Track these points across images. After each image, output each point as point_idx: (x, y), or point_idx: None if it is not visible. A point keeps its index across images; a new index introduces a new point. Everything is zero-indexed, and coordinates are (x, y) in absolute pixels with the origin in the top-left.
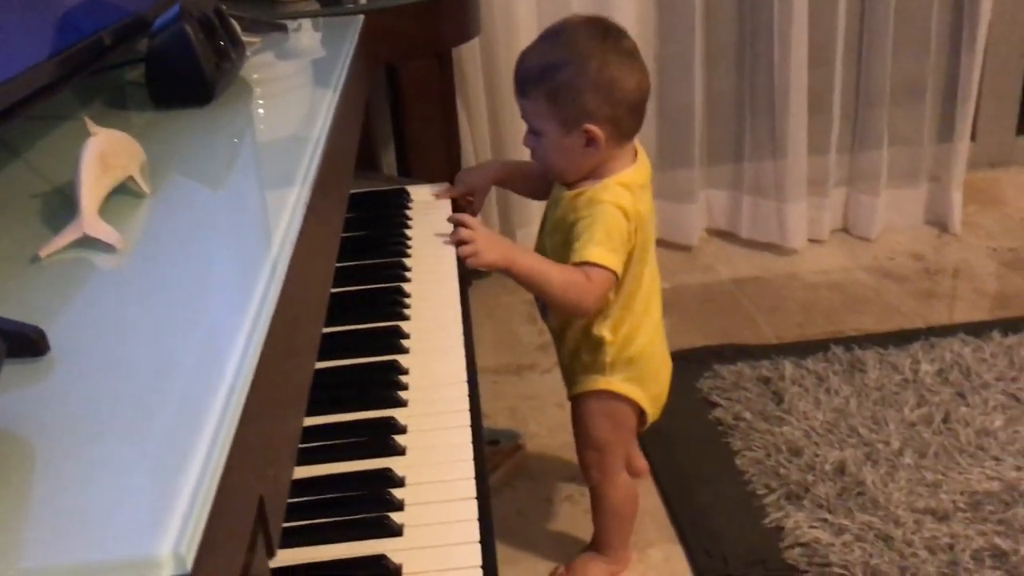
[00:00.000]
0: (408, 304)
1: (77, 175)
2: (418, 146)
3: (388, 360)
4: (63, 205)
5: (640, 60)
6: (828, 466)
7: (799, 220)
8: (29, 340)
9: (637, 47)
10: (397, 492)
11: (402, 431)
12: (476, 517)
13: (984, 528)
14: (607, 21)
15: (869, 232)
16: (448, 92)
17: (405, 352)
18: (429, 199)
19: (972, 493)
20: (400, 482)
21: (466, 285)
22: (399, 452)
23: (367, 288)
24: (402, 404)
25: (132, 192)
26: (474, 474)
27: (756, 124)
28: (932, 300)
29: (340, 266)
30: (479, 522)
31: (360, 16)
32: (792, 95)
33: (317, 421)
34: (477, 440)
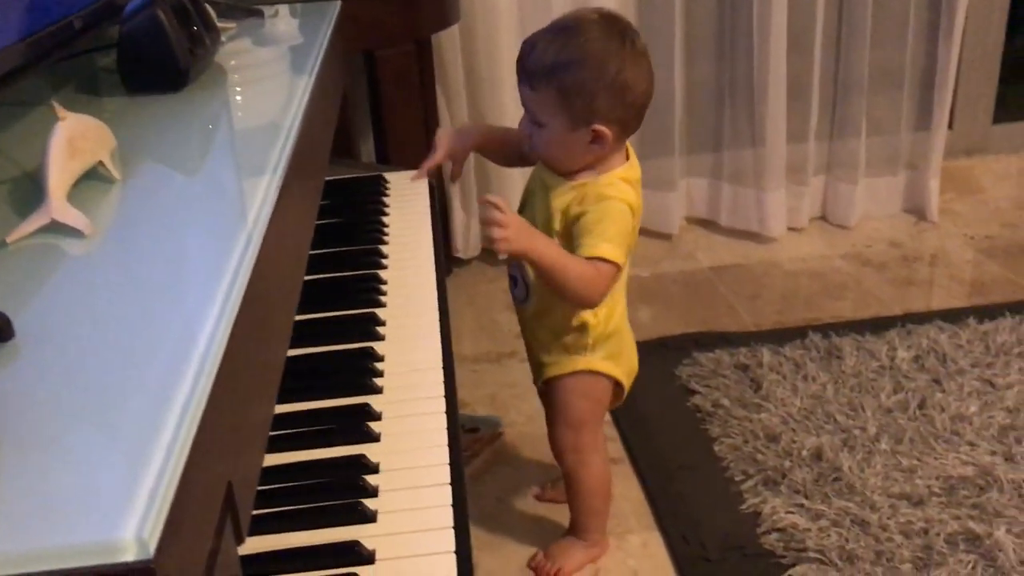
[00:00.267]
0: (384, 291)
1: (45, 160)
2: (397, 134)
3: (363, 347)
4: (32, 191)
5: (650, 61)
6: (805, 452)
7: (778, 208)
8: None
9: (646, 45)
10: (371, 478)
11: (377, 418)
12: (450, 503)
13: (958, 512)
14: (622, 19)
15: (847, 220)
16: (427, 80)
17: (381, 339)
18: (407, 185)
19: (947, 478)
20: (374, 468)
21: (444, 273)
22: (374, 439)
23: (343, 275)
24: (377, 391)
25: (102, 178)
26: (448, 460)
27: (736, 112)
28: (909, 287)
29: (316, 253)
30: (453, 508)
31: (337, 2)
32: (771, 83)
33: (292, 408)
34: (452, 426)
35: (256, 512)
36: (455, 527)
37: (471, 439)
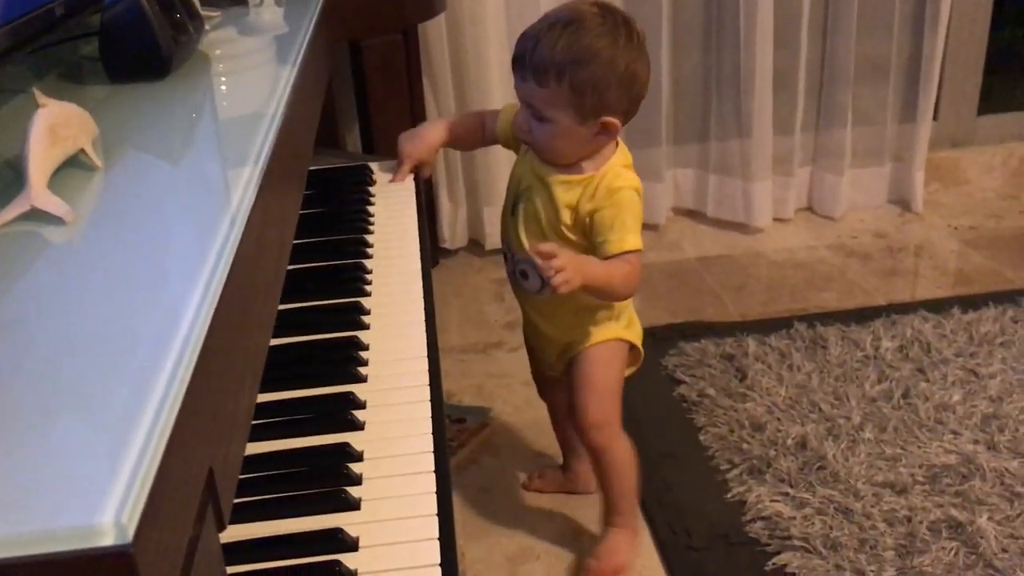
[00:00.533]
0: (369, 280)
1: (25, 147)
2: (382, 124)
3: (348, 336)
4: (12, 179)
5: (647, 49)
6: (790, 441)
7: (764, 199)
8: None
9: (645, 34)
10: (355, 466)
11: (361, 406)
12: (434, 490)
13: (941, 500)
14: (619, 11)
15: (833, 211)
16: (413, 69)
17: (365, 328)
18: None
19: (930, 466)
20: (358, 457)
21: (430, 262)
22: (358, 427)
23: (328, 264)
24: (362, 380)
25: (84, 166)
26: (433, 448)
27: (722, 104)
28: (894, 278)
29: (301, 242)
30: (437, 495)
31: None
32: (757, 75)
33: (276, 396)
34: (436, 414)
35: (240, 500)
36: (439, 514)
37: (457, 429)
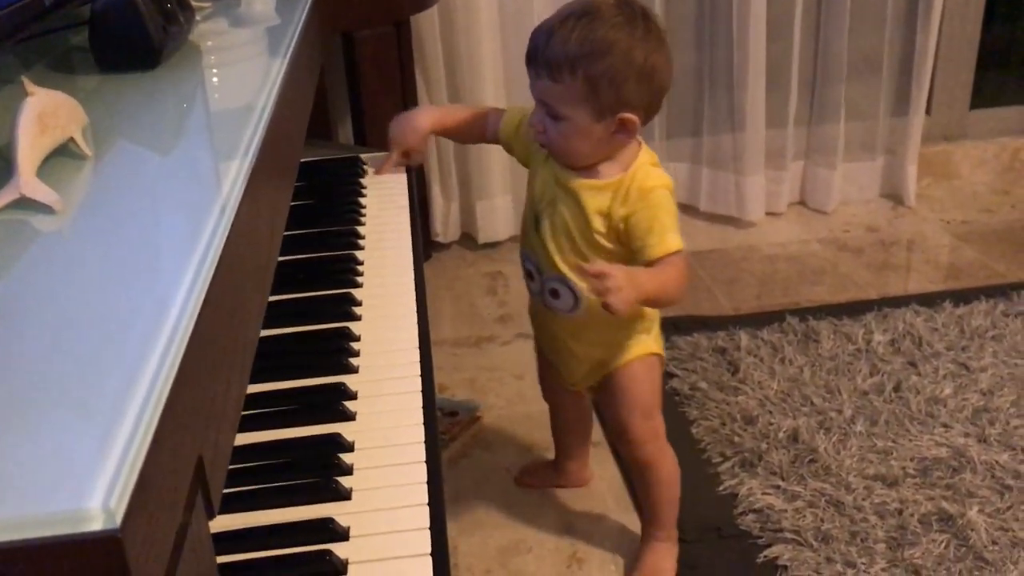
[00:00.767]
0: (361, 271)
1: (14, 135)
2: (375, 116)
3: (339, 327)
4: (1, 168)
5: (667, 41)
6: (781, 434)
7: (757, 193)
8: None
9: (664, 27)
10: (346, 457)
11: (352, 397)
12: (425, 480)
13: (932, 493)
14: (637, 1)
15: (825, 205)
16: (406, 61)
17: (357, 319)
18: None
19: (921, 459)
20: (349, 447)
21: (422, 254)
22: (349, 418)
23: (319, 256)
24: (353, 370)
25: (73, 155)
26: (424, 439)
27: (715, 97)
28: (886, 271)
29: (292, 234)
30: (428, 485)
31: None
32: (751, 69)
33: (267, 387)
34: (428, 405)
35: (231, 489)
36: (430, 504)
37: (449, 423)
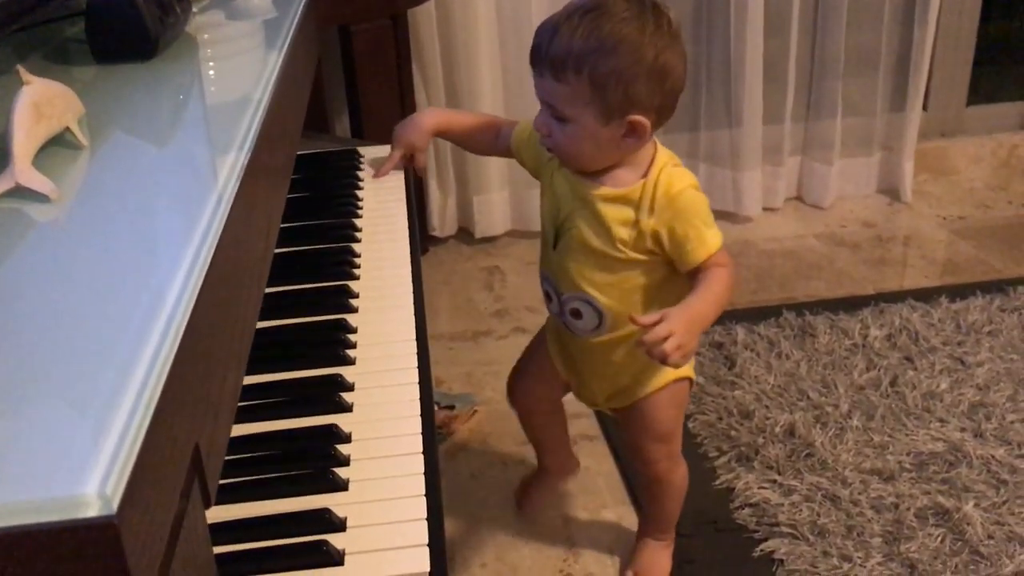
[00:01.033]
0: (358, 264)
1: (9, 124)
2: (372, 109)
3: (336, 319)
4: None
5: (682, 40)
6: (778, 429)
7: (754, 188)
8: None
9: (680, 23)
10: (343, 448)
11: (349, 388)
12: (422, 471)
13: (928, 488)
14: None
15: (822, 200)
16: (403, 54)
17: (354, 311)
18: (381, 160)
19: (917, 454)
20: (346, 438)
21: (419, 246)
22: (346, 409)
23: (316, 248)
24: (350, 362)
25: (69, 144)
26: (420, 430)
27: (712, 93)
28: (883, 267)
29: (289, 226)
30: (425, 476)
31: None
32: (748, 65)
33: (264, 378)
34: (425, 396)
35: (228, 480)
36: (427, 495)
37: (446, 416)
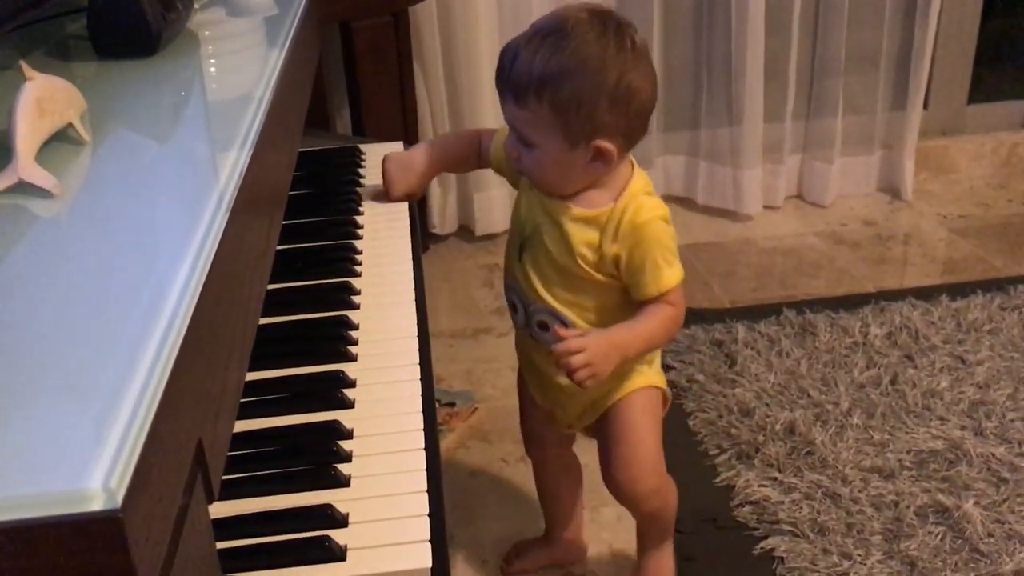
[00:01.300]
0: (359, 260)
1: (12, 120)
2: (373, 106)
3: (338, 315)
4: None
5: (651, 60)
6: (778, 426)
7: (754, 186)
8: None
9: (645, 40)
10: (345, 444)
11: (351, 385)
12: (424, 468)
13: (928, 486)
14: (615, 15)
15: (823, 199)
16: (404, 51)
17: (355, 308)
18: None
19: (918, 452)
20: (348, 434)
21: (420, 243)
22: (348, 405)
23: (317, 244)
24: (351, 358)
25: (72, 140)
26: (422, 426)
27: (713, 91)
28: (883, 265)
29: (291, 223)
30: (427, 473)
31: None
32: (749, 63)
33: (266, 375)
34: (426, 393)
35: (231, 476)
36: (429, 491)
37: (447, 414)
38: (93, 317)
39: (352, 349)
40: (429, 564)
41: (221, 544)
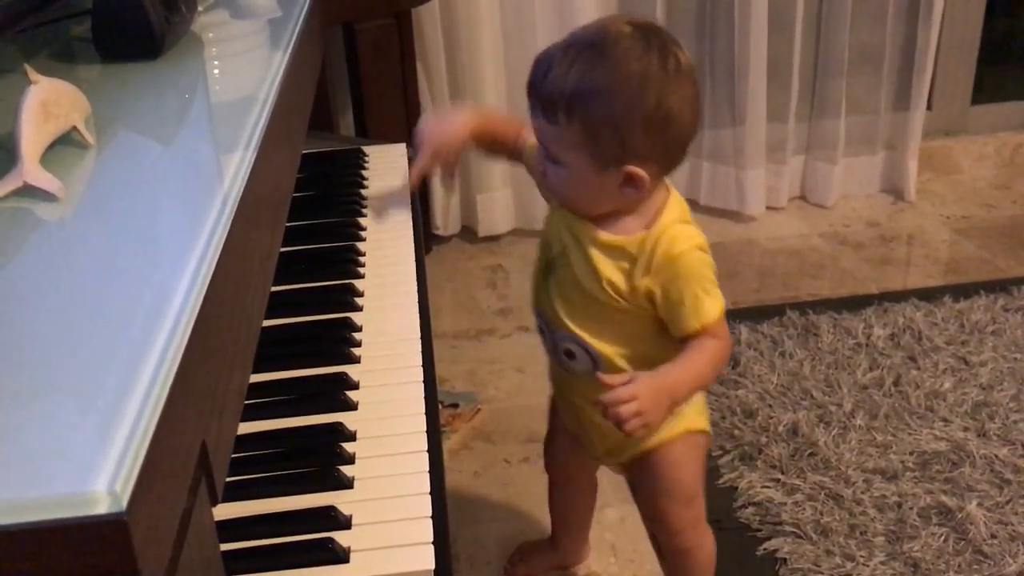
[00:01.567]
0: (362, 262)
1: (17, 123)
2: (376, 108)
3: (341, 317)
4: (3, 157)
5: (695, 82)
6: (781, 428)
7: (757, 187)
8: None
9: (690, 60)
10: (348, 446)
11: (354, 387)
12: (427, 469)
13: (931, 487)
14: (661, 30)
15: (826, 199)
16: (407, 53)
17: (358, 309)
18: (386, 159)
19: (921, 453)
20: (351, 436)
21: (423, 245)
22: (351, 407)
23: (321, 247)
24: (354, 360)
25: (76, 143)
26: (425, 428)
27: (716, 92)
28: (886, 266)
29: (294, 225)
30: (430, 474)
31: None
32: (752, 63)
33: (270, 377)
34: (429, 395)
35: (234, 478)
36: (432, 493)
37: (450, 415)
38: (98, 320)
39: (355, 351)
40: (432, 566)
41: (225, 546)
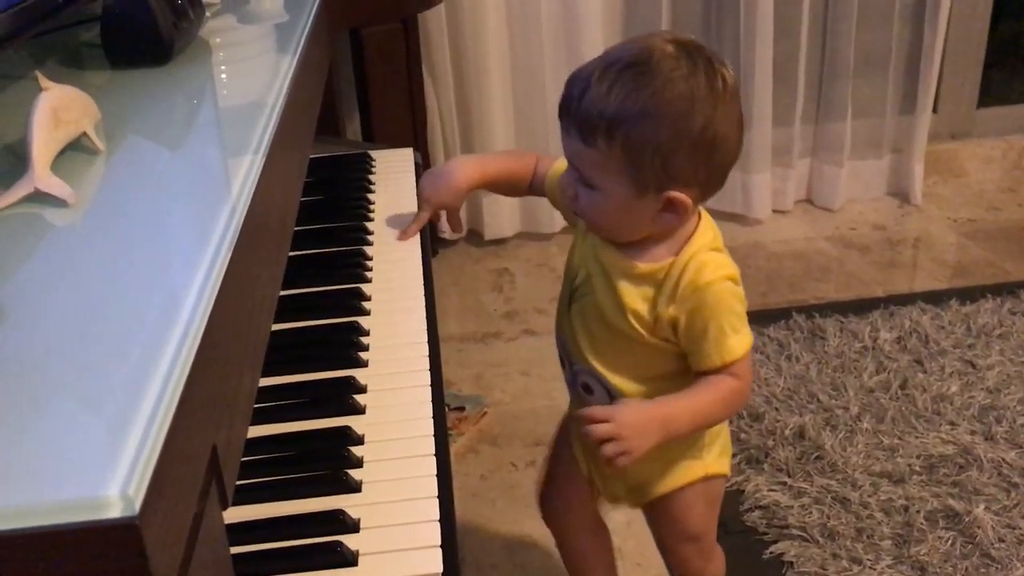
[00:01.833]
0: (370, 266)
1: (28, 130)
2: (383, 112)
3: (349, 321)
4: (15, 163)
5: (739, 100)
6: (788, 431)
7: (764, 190)
8: None
9: (736, 79)
10: (356, 449)
11: (362, 390)
12: (434, 473)
13: (938, 490)
14: (704, 49)
15: (832, 203)
16: (413, 58)
17: (366, 313)
18: (393, 163)
19: (927, 456)
20: (359, 440)
21: (430, 249)
22: (359, 411)
23: (328, 251)
24: (362, 364)
25: (86, 149)
26: (433, 432)
27: None
28: (892, 269)
29: (301, 229)
30: (437, 478)
31: None
32: (758, 66)
33: (277, 380)
34: (437, 398)
35: (243, 482)
36: (439, 496)
37: (456, 418)
38: (108, 325)
39: (363, 355)
40: (440, 569)
41: (234, 549)
